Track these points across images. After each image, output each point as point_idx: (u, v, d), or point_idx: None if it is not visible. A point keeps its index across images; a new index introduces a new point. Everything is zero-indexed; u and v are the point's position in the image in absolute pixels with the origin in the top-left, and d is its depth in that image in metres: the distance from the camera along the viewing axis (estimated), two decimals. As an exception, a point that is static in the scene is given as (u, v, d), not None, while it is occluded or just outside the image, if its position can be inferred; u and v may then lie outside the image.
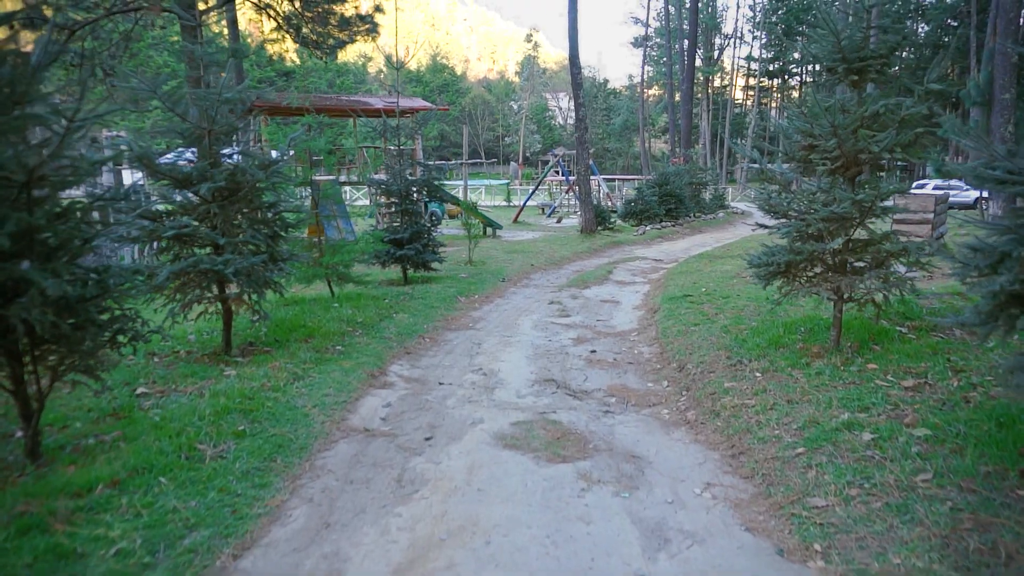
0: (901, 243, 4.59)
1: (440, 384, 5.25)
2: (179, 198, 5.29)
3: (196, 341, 6.06)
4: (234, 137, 5.71)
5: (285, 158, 5.51)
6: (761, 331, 5.84)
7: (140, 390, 4.53)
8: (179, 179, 5.07)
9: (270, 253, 5.58)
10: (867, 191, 4.44)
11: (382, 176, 11.16)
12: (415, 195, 10.05)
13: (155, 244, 5.11)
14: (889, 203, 5.76)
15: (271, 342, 5.89)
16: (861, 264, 4.88)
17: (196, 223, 5.18)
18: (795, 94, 64.23)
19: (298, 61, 50.75)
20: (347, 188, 23.33)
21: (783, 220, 5.19)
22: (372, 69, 70.84)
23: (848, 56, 4.54)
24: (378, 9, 15.14)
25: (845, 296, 4.81)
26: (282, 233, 5.64)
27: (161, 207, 5.20)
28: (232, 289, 5.41)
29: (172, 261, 5.27)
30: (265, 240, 5.47)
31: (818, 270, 4.98)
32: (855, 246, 4.78)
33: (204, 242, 5.16)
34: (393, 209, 9.92)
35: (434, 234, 10.43)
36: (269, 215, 5.66)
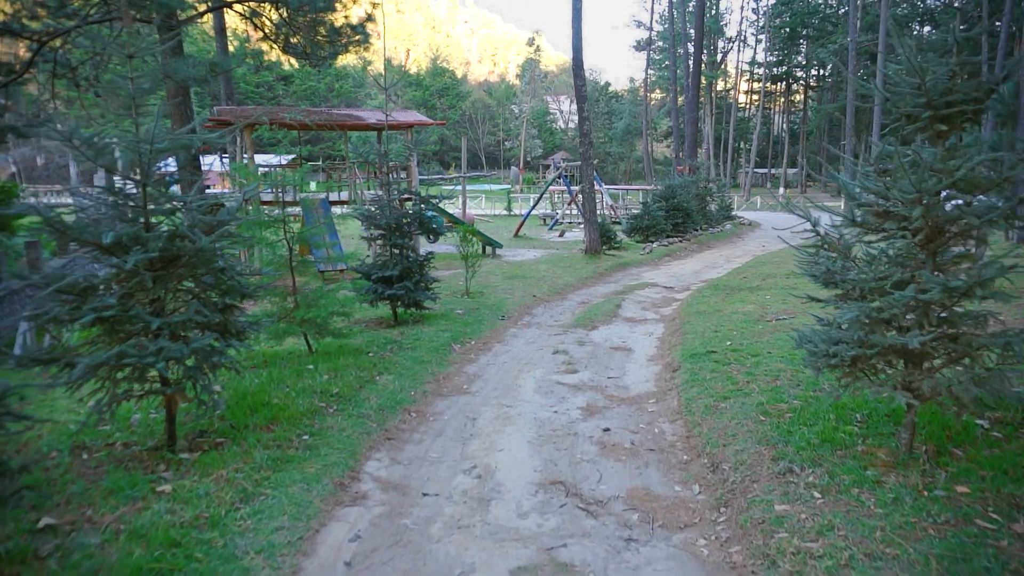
0: (1003, 335, 3.64)
1: (424, 495, 4.31)
2: (116, 260, 4.38)
3: (139, 424, 5.13)
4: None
5: (239, 216, 4.58)
6: (808, 417, 4.91)
7: (45, 521, 3.60)
8: (103, 246, 4.13)
9: (223, 327, 4.67)
10: (963, 278, 3.50)
11: (374, 194, 10.26)
12: (406, 227, 9.11)
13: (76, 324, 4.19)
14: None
15: (226, 429, 4.96)
16: (935, 343, 3.95)
17: (130, 294, 4.26)
18: (799, 98, 63.22)
19: (296, 65, 49.93)
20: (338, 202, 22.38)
21: (839, 292, 4.28)
22: (372, 72, 69.94)
23: (935, 101, 3.61)
24: (370, 19, 14.21)
25: (926, 395, 3.87)
26: (237, 303, 4.71)
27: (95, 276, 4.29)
28: (173, 373, 4.49)
29: (102, 336, 4.37)
30: (216, 312, 4.56)
31: (889, 358, 4.05)
32: (937, 334, 3.84)
33: (136, 323, 4.22)
34: (381, 243, 8.98)
35: (434, 253, 9.50)
36: (224, 277, 4.74)
